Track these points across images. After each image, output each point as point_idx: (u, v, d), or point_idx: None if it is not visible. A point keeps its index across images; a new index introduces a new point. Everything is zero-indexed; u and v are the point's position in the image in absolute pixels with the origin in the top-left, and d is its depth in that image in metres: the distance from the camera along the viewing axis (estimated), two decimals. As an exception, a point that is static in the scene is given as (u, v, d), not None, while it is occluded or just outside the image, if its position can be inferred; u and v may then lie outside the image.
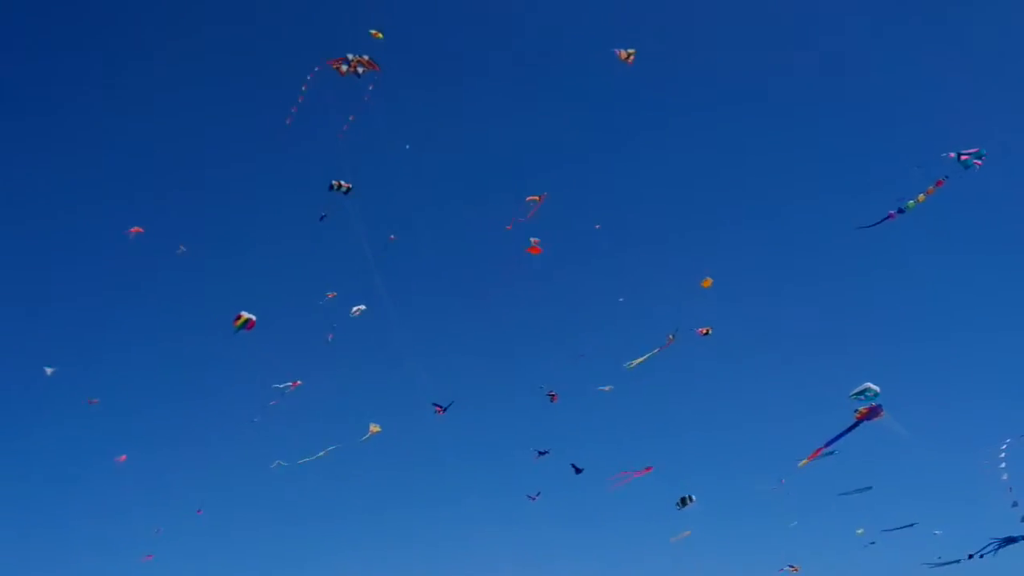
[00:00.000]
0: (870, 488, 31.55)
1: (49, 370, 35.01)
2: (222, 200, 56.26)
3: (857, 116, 55.79)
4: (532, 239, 34.73)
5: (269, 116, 50.51)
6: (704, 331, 34.42)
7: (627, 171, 56.74)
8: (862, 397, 25.35)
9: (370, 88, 30.31)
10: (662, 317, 42.31)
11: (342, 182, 31.11)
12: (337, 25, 51.40)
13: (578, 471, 35.76)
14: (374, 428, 33.76)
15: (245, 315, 28.07)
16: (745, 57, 56.59)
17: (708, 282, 34.53)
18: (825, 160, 56.01)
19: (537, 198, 34.52)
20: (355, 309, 34.44)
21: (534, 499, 37.79)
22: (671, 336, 33.42)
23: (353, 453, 34.81)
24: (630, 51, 29.97)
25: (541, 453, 36.43)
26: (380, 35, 30.56)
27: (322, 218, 32.51)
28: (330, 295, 35.32)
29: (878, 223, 26.38)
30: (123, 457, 37.57)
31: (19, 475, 48.47)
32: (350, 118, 31.23)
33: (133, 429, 46.56)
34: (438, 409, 34.35)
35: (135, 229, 35.05)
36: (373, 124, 32.44)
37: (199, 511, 38.65)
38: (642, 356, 33.57)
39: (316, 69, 29.83)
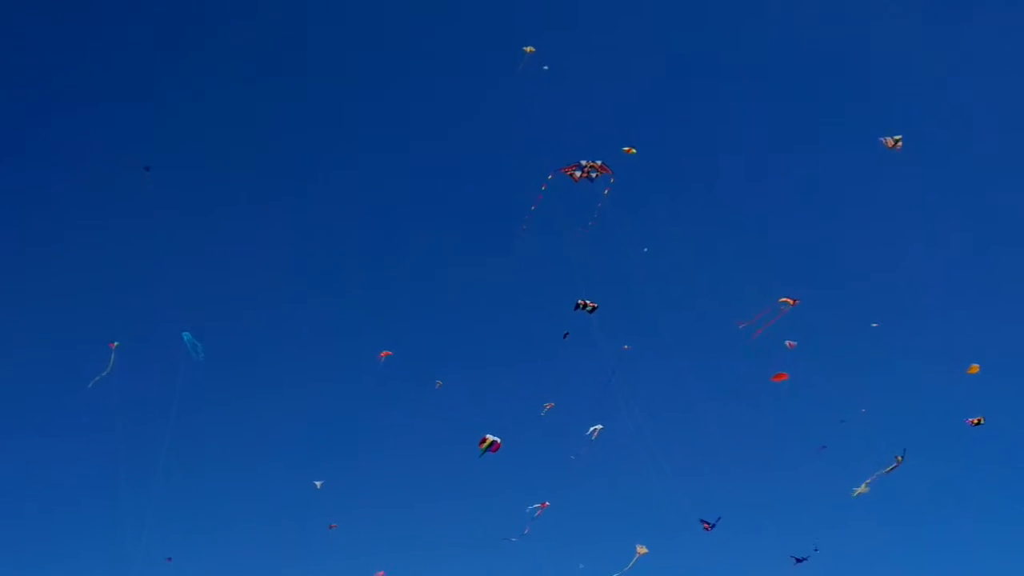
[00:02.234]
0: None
1: (318, 483, 36.00)
2: (465, 323, 51.90)
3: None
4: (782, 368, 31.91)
5: (501, 223, 46.72)
6: (975, 421, 31.08)
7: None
8: None
9: (606, 193, 30.33)
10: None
11: (588, 301, 30.83)
12: (564, 135, 47.48)
13: None
14: (641, 550, 31.28)
15: (490, 438, 29.10)
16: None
17: (975, 368, 31.52)
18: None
19: (791, 301, 30.98)
20: (593, 429, 32.78)
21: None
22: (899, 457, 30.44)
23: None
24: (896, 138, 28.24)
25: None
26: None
27: (566, 336, 33.29)
28: (548, 405, 35.23)
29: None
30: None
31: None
32: (590, 223, 31.36)
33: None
34: (705, 526, 31.73)
35: (385, 353, 36.80)
36: (609, 228, 32.58)
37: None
38: (868, 478, 30.78)
39: (550, 177, 29.94)
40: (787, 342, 32.32)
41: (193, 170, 49.49)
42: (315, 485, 35.92)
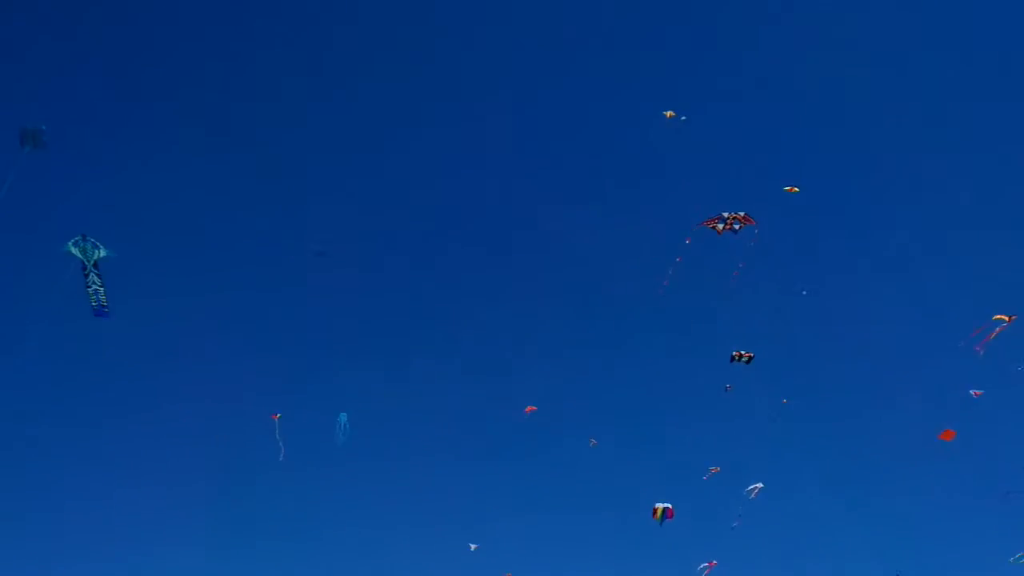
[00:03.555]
0: None
1: (473, 546, 36.48)
2: (622, 382, 50.00)
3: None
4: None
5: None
6: None
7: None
8: None
9: (752, 243, 30.19)
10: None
11: (743, 352, 30.53)
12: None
13: None
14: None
15: (661, 506, 29.16)
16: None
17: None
18: None
19: (1007, 318, 28.48)
20: (751, 488, 32.66)
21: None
22: None
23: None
24: None
25: None
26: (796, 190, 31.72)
27: (728, 388, 32.98)
28: (713, 470, 34.90)
29: None
30: None
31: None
32: (738, 268, 31.60)
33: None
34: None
35: (530, 408, 37.07)
36: (754, 277, 32.93)
37: None
38: None
39: (692, 230, 29.75)
40: (973, 391, 30.67)
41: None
42: (470, 547, 36.27)
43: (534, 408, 36.45)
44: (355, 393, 44.12)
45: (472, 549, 36.22)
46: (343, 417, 33.37)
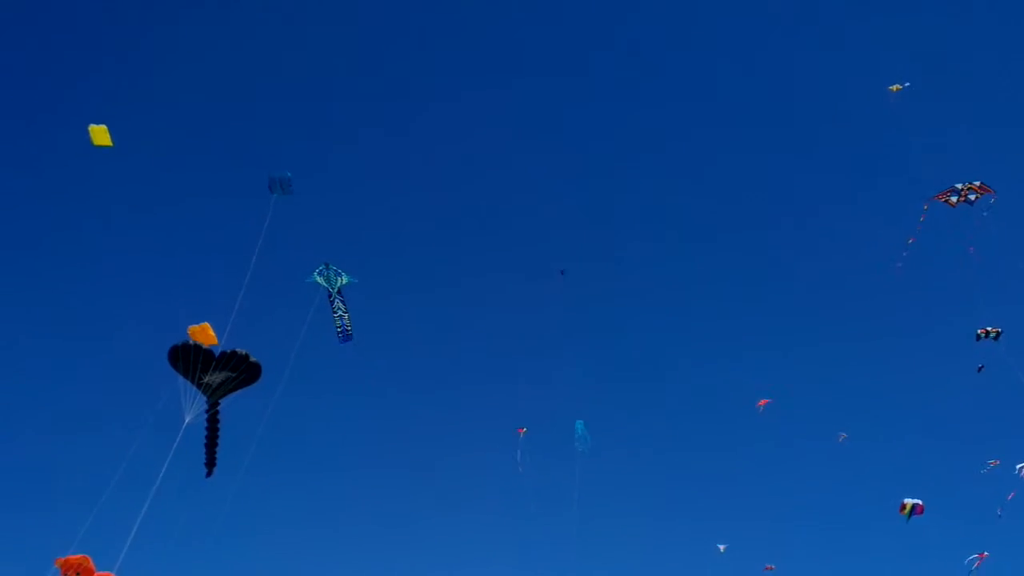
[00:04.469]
0: None
1: (722, 547, 36.24)
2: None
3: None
4: None
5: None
6: None
7: None
8: None
9: (984, 214, 29.05)
10: None
11: (990, 329, 29.74)
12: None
13: None
14: None
15: (909, 502, 28.27)
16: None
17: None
18: None
19: None
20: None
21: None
22: None
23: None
24: None
25: None
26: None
27: (980, 369, 31.76)
28: (992, 463, 34.33)
29: None
30: None
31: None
32: (970, 248, 30.29)
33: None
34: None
35: (763, 401, 36.65)
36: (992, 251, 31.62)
37: None
38: None
39: (925, 207, 29.22)
40: None
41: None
42: (719, 549, 36.14)
43: (768, 401, 36.10)
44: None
45: (721, 551, 36.21)
46: (580, 425, 33.89)
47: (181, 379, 24.02)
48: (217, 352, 23.96)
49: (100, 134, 26.26)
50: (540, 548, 44.77)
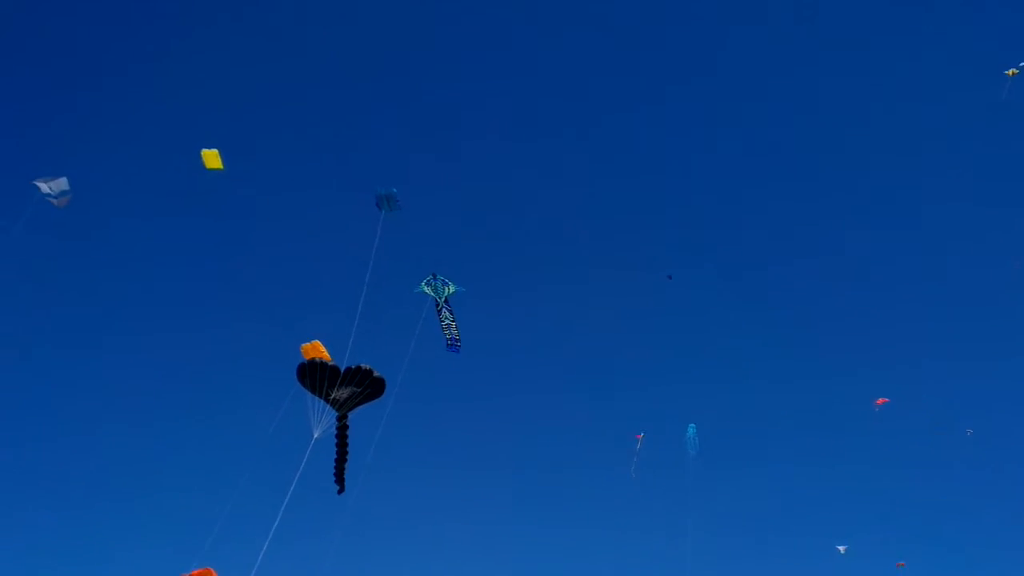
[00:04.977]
0: None
1: (842, 548, 36.13)
2: None
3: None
4: None
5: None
6: None
7: None
8: None
9: None
10: None
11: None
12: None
13: None
14: None
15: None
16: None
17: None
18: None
19: None
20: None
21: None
22: None
23: None
24: None
25: None
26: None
27: None
28: None
29: None
30: None
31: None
32: None
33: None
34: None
35: (881, 400, 36.54)
36: None
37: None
38: None
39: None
40: None
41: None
42: (839, 550, 35.92)
43: (886, 400, 35.91)
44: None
45: (841, 552, 36.04)
46: (692, 429, 33.82)
47: (309, 395, 24.83)
48: (342, 368, 24.69)
49: (212, 158, 27.33)
50: (654, 553, 44.43)
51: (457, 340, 30.60)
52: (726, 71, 57.39)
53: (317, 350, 25.14)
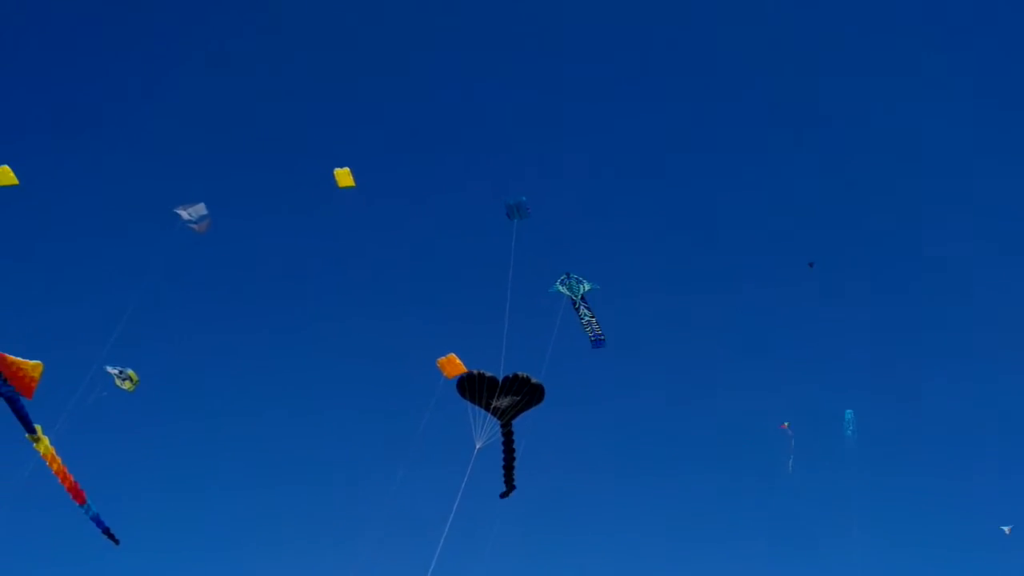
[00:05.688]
0: None
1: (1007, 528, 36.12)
2: None
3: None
4: None
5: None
6: None
7: None
8: None
9: None
10: None
11: None
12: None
13: None
14: None
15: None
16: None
17: None
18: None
19: None
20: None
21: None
22: None
23: None
24: None
25: None
26: None
27: None
28: None
29: None
30: None
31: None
32: None
33: None
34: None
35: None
36: None
37: None
38: None
39: None
40: None
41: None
42: (1004, 531, 35.20)
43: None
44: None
45: (1007, 532, 35.42)
46: (849, 414, 33.34)
47: (470, 406, 25.53)
48: (500, 378, 25.28)
49: (344, 176, 28.21)
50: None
51: (601, 336, 30.39)
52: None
53: (452, 363, 25.76)
